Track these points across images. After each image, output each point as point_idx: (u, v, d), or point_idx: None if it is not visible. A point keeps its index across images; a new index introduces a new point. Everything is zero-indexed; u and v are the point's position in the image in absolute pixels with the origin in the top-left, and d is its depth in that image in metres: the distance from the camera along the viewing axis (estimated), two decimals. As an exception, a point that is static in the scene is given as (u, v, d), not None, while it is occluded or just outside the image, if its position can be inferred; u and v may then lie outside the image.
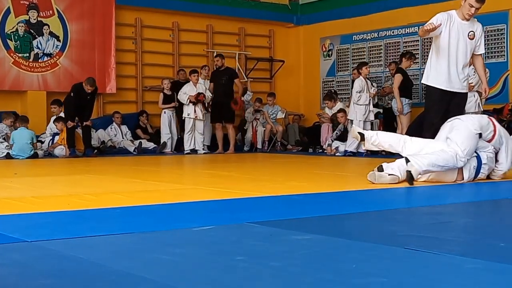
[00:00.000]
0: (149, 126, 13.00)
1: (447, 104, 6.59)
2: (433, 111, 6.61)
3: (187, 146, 11.83)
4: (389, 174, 5.38)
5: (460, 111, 6.63)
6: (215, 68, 12.63)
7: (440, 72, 6.57)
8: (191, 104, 11.75)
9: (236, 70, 14.16)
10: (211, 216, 3.74)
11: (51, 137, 11.35)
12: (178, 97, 11.94)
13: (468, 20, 6.44)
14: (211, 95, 12.08)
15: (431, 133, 6.17)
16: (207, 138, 12.59)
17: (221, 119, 12.16)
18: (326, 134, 12.21)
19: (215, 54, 12.72)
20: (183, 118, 12.00)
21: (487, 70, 8.58)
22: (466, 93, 6.80)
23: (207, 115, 12.37)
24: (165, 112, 12.34)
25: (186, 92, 11.77)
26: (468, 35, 6.48)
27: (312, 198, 4.77)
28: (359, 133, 6.06)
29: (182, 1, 13.55)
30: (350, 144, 10.88)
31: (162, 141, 12.27)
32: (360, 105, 10.99)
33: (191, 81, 11.92)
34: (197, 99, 11.75)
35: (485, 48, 6.89)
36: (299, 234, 3.02)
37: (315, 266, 2.36)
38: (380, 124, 11.98)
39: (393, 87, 10.78)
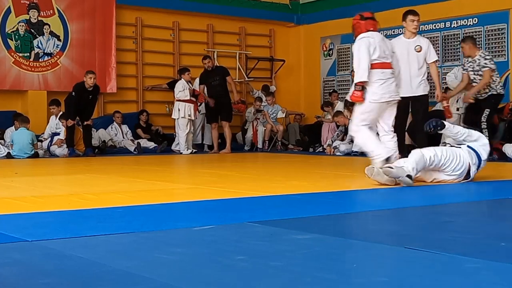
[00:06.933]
0: (150, 126, 12.99)
1: (408, 108, 7.89)
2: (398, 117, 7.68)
3: (184, 146, 11.71)
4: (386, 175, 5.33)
5: (422, 111, 7.89)
6: (204, 69, 12.17)
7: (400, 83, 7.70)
8: (192, 105, 11.69)
9: (237, 70, 14.18)
10: (211, 216, 3.74)
11: (49, 138, 11.35)
12: (177, 96, 11.79)
13: (414, 33, 7.91)
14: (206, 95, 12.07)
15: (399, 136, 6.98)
16: (208, 138, 12.59)
17: (218, 117, 12.07)
18: (327, 134, 12.23)
19: (203, 57, 12.47)
20: (176, 117, 11.79)
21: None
22: (425, 95, 7.91)
23: (203, 115, 12.37)
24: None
25: (185, 90, 11.66)
26: (415, 49, 7.85)
27: (312, 197, 4.77)
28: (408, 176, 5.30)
29: (183, 0, 13.56)
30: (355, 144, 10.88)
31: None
32: None
33: (182, 79, 11.80)
34: (198, 97, 11.71)
35: (437, 56, 8.36)
36: (300, 234, 3.02)
37: (316, 266, 2.35)
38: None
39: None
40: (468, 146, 5.68)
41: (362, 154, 10.89)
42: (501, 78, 11.41)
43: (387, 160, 6.01)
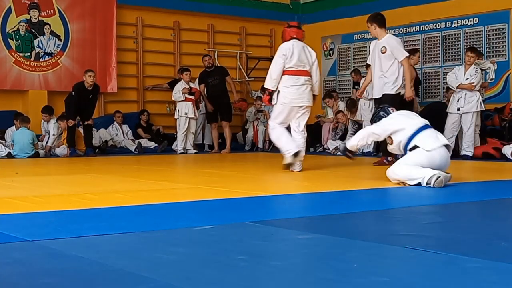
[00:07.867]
0: (150, 126, 12.99)
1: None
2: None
3: (181, 146, 11.71)
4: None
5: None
6: (204, 69, 12.14)
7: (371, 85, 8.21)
8: (190, 103, 11.67)
9: (237, 70, 14.17)
10: (212, 215, 3.74)
11: (47, 140, 11.37)
12: (173, 97, 11.81)
13: (376, 37, 8.07)
14: (205, 95, 12.05)
15: None
16: (209, 138, 12.58)
17: (217, 117, 12.06)
18: (327, 134, 12.22)
19: (203, 55, 12.41)
20: (176, 117, 11.83)
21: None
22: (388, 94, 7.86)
23: (203, 115, 12.36)
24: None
25: (179, 92, 11.63)
26: (380, 50, 7.91)
27: (313, 197, 4.77)
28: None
29: (183, 0, 13.56)
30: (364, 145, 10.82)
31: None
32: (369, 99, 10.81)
33: (182, 80, 11.80)
34: (193, 94, 11.67)
35: (406, 54, 8.05)
36: (300, 234, 3.02)
37: (316, 266, 2.36)
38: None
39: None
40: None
41: (376, 154, 10.90)
42: (502, 78, 11.42)
43: (296, 155, 6.76)
